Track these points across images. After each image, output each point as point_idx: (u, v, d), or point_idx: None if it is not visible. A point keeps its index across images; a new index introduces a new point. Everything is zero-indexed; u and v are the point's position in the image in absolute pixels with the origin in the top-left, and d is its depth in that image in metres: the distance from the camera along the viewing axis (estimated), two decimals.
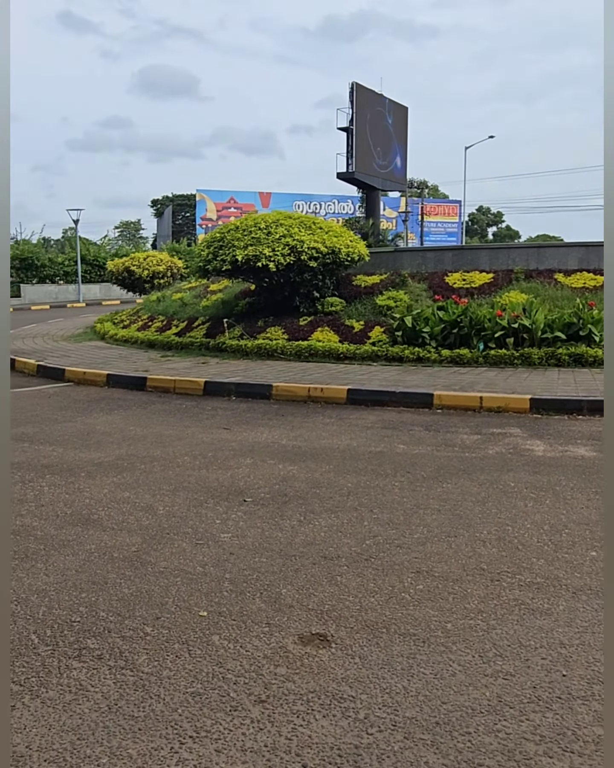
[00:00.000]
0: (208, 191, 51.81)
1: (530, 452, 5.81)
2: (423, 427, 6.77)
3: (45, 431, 6.86)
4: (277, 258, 10.88)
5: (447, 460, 5.60)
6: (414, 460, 5.59)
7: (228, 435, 6.61)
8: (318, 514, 4.39)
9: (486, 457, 5.67)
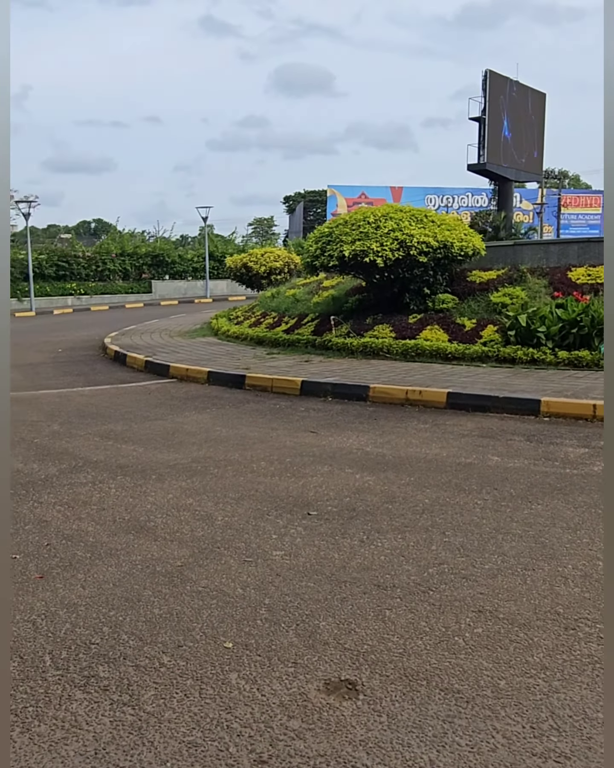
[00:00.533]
0: (339, 187, 51.78)
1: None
2: (524, 437, 6.18)
3: (133, 429, 6.83)
4: (384, 253, 10.47)
5: (543, 476, 5.03)
6: (506, 475, 5.06)
7: (313, 439, 6.31)
8: (383, 534, 4.00)
9: (589, 474, 5.06)
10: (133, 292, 33.22)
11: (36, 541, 4.01)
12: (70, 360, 12.62)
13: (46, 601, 3.29)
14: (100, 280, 32.47)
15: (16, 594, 3.36)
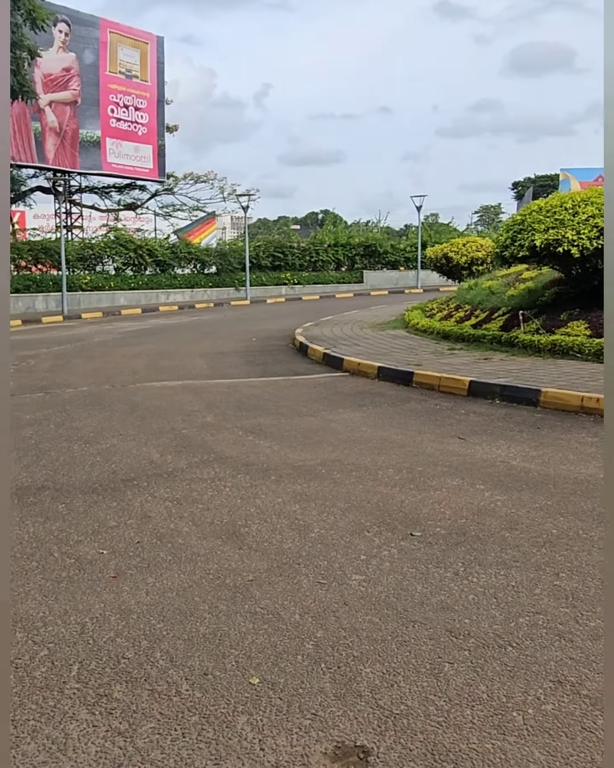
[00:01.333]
0: (574, 170, 48.65)
1: None
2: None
3: (280, 424, 6.74)
4: (581, 242, 9.47)
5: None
6: None
7: (458, 446, 5.81)
8: (484, 567, 3.50)
9: None
10: (344, 282, 33.66)
11: (130, 538, 4.00)
12: (258, 350, 12.92)
13: (106, 603, 3.23)
14: (313, 270, 33.26)
15: (84, 593, 3.34)
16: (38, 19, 20.92)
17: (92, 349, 13.91)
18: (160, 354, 12.69)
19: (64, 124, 26.69)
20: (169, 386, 9.12)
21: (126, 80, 28.83)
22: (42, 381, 9.80)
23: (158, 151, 30.53)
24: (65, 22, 26.18)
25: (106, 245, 26.86)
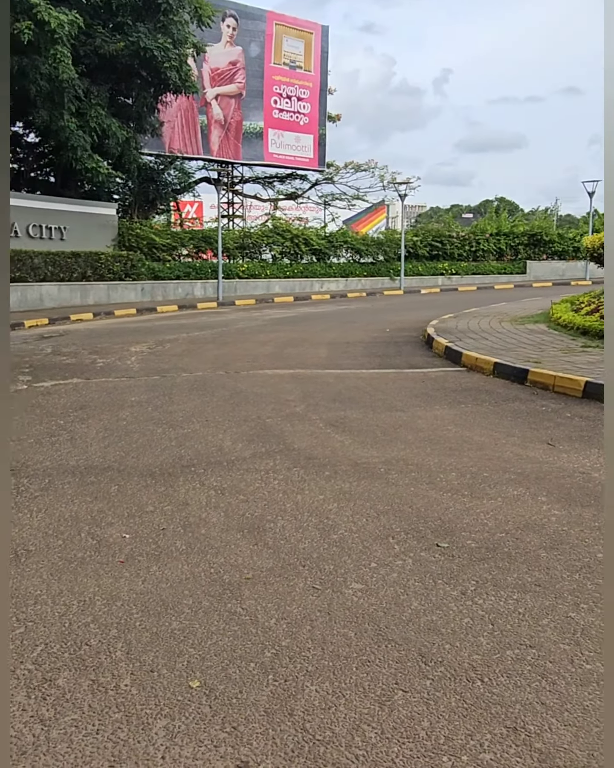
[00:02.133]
0: None
1: None
2: None
3: (365, 418, 6.57)
4: None
5: None
6: None
7: (541, 452, 5.36)
8: (498, 589, 3.18)
9: None
10: (505, 273, 32.39)
11: (158, 524, 4.04)
12: (386, 341, 12.70)
13: (100, 588, 3.27)
14: (473, 260, 32.26)
15: (87, 575, 3.41)
16: (204, 16, 21.68)
17: (229, 335, 14.31)
18: (289, 342, 12.82)
19: (228, 117, 27.61)
20: (279, 374, 9.17)
21: (290, 71, 29.31)
22: (166, 364, 10.19)
23: (319, 140, 30.83)
24: (233, 17, 27.00)
25: (264, 234, 27.54)
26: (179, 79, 20.07)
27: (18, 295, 19.44)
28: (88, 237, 22.18)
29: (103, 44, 19.47)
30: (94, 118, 19.80)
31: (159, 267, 24.00)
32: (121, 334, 14.76)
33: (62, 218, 21.51)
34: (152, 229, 24.14)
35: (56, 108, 18.44)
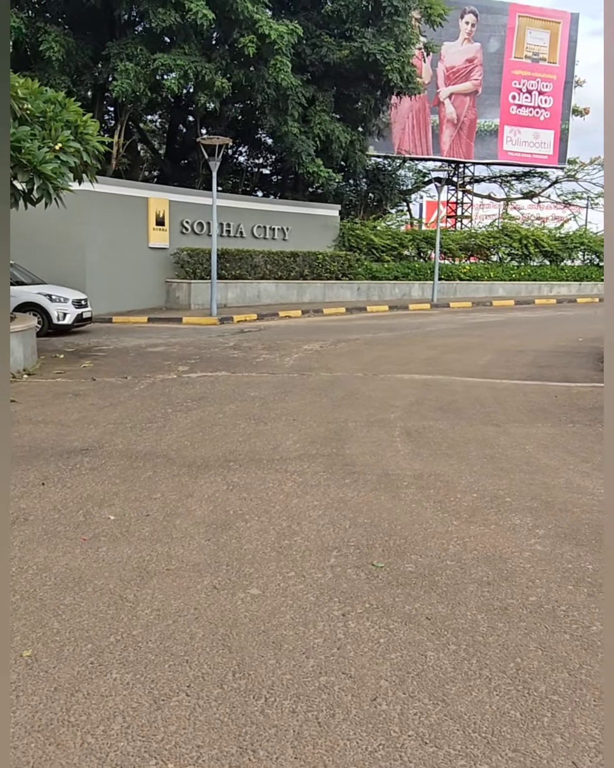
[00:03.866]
0: None
1: None
2: None
3: (449, 431, 6.34)
4: None
5: None
6: None
7: (598, 483, 4.83)
8: (385, 616, 3.02)
9: None
10: None
11: (148, 510, 4.33)
12: (565, 351, 11.94)
13: (45, 558, 3.64)
14: None
15: (47, 546, 3.79)
16: (434, 15, 21.61)
17: (410, 337, 14.29)
18: (461, 347, 12.52)
19: (461, 115, 27.20)
20: (414, 379, 9.06)
21: (531, 64, 28.09)
22: (317, 363, 10.51)
23: (560, 135, 29.18)
24: (473, 13, 26.51)
25: (490, 235, 26.78)
26: (401, 80, 20.22)
27: (237, 292, 20.92)
28: (310, 237, 23.19)
29: (329, 53, 20.24)
30: (318, 124, 20.66)
31: (377, 267, 24.40)
32: (312, 331, 15.35)
33: (285, 219, 22.72)
34: (372, 230, 24.58)
35: (281, 114, 19.54)
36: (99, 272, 17.47)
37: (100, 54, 17.40)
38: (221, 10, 16.59)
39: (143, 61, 16.73)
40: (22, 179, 9.24)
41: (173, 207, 19.80)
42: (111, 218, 18.00)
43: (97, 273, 17.41)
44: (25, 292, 14.47)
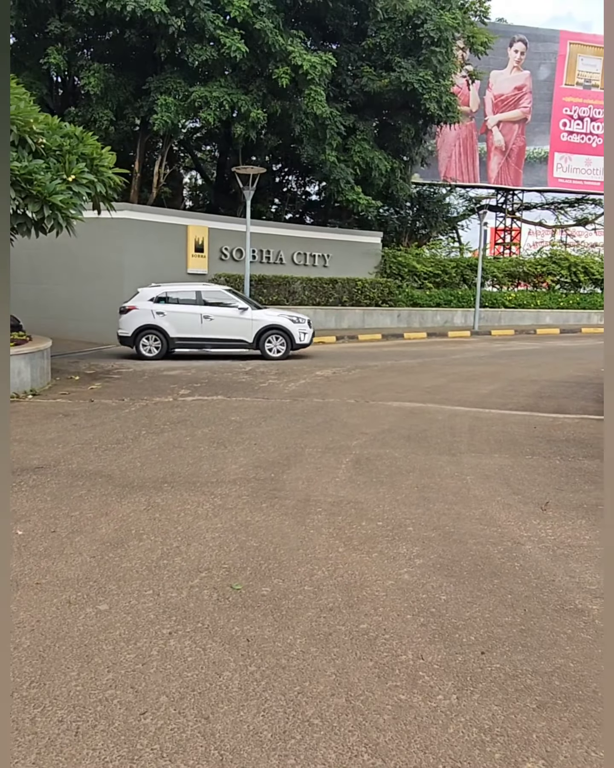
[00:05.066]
0: None
1: None
2: None
3: (400, 459, 6.36)
4: None
5: None
6: None
7: (516, 518, 4.79)
8: (185, 638, 3.12)
9: None
10: None
11: (57, 526, 4.52)
12: (578, 382, 11.72)
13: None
14: None
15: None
16: (476, 44, 21.72)
17: (429, 365, 14.26)
18: (473, 376, 12.44)
19: (510, 143, 27.08)
20: (403, 407, 9.08)
21: (583, 91, 27.80)
22: (317, 389, 10.63)
23: None
24: (522, 41, 26.48)
25: (538, 263, 26.45)
26: (439, 109, 20.36)
27: None
28: (351, 264, 23.39)
29: (369, 82, 20.57)
30: (358, 152, 20.97)
31: (419, 294, 24.38)
32: (335, 357, 15.48)
33: (326, 246, 23.00)
34: (415, 257, 24.61)
35: (319, 143, 19.91)
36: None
37: (141, 89, 18.16)
38: (255, 44, 17.11)
39: (181, 94, 17.38)
40: (33, 209, 9.73)
41: (212, 234, 20.34)
42: (150, 245, 18.63)
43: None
44: (270, 315, 15.33)
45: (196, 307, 14.84)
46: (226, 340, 14.97)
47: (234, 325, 14.89)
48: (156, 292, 14.90)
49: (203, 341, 14.94)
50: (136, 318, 14.65)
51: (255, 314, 14.99)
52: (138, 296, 14.94)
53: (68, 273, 18.57)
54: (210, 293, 15.15)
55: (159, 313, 14.61)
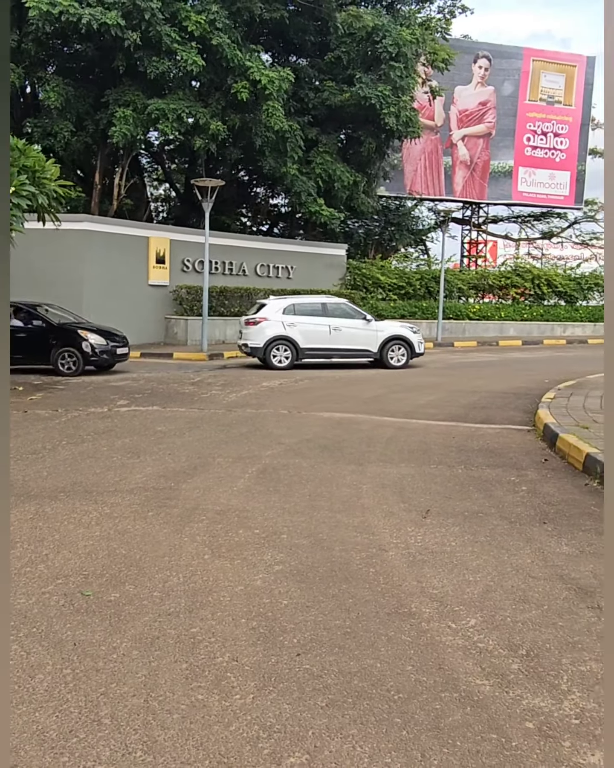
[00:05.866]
0: None
1: None
2: None
3: (305, 469, 6.46)
4: None
5: None
6: None
7: (392, 524, 4.90)
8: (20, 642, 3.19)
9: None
10: None
11: None
12: (518, 393, 11.86)
13: None
14: None
15: None
16: (437, 60, 22.06)
17: (374, 376, 14.40)
18: (416, 387, 12.60)
19: (474, 157, 27.47)
20: (334, 417, 9.20)
21: (546, 107, 28.29)
22: (257, 400, 10.74)
23: (576, 176, 29.15)
24: (486, 57, 26.92)
25: (502, 275, 26.77)
26: (399, 124, 20.64)
27: (235, 328, 21.31)
28: (316, 276, 23.57)
29: (331, 96, 20.84)
30: (320, 165, 21.20)
31: (383, 306, 24.59)
32: (287, 368, 15.58)
33: (290, 258, 23.19)
34: (380, 269, 24.85)
35: (281, 156, 20.12)
36: (97, 309, 18.04)
37: (100, 101, 18.32)
38: (213, 58, 17.33)
39: (139, 106, 17.53)
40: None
41: (174, 246, 20.48)
42: (111, 256, 18.72)
43: (95, 309, 17.96)
44: (393, 326, 16.16)
45: (324, 318, 15.33)
46: (352, 350, 15.48)
47: (360, 336, 15.37)
48: (283, 304, 15.43)
49: (331, 351, 15.42)
50: (267, 329, 15.01)
51: (379, 325, 15.71)
52: (267, 308, 15.36)
53: (28, 284, 18.59)
54: (333, 305, 15.81)
55: (290, 324, 15.02)
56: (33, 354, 13.58)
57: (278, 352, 15.08)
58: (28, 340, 13.50)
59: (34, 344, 13.58)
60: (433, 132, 26.45)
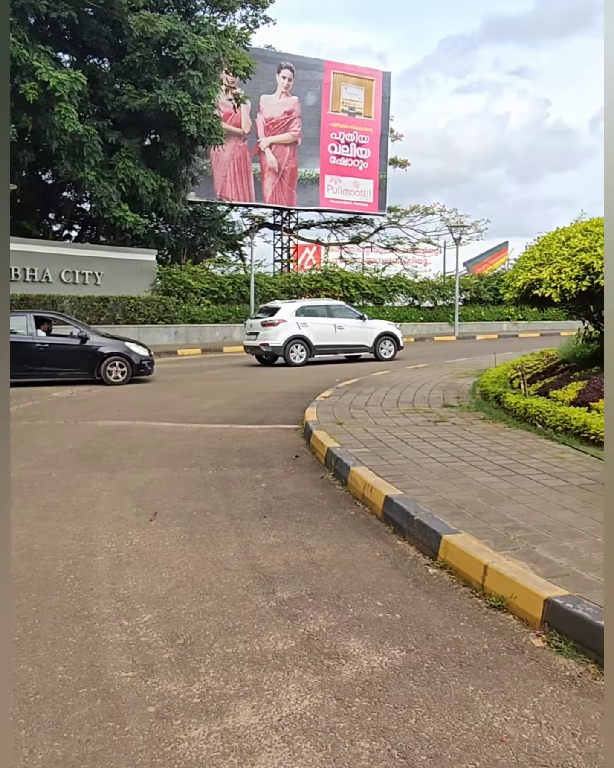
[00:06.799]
0: None
1: None
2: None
3: (50, 480, 6.37)
4: (560, 283, 7.52)
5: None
6: None
7: (94, 529, 4.96)
8: None
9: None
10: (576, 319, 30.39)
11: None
12: (305, 392, 12.27)
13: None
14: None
15: None
16: (238, 68, 22.41)
17: (174, 382, 14.41)
18: (211, 390, 12.74)
19: (282, 164, 28.18)
20: (110, 425, 9.13)
21: (348, 118, 29.55)
22: (35, 412, 10.42)
23: (379, 185, 30.69)
24: (289, 68, 27.70)
25: (312, 278, 27.63)
26: (200, 131, 20.77)
27: None
28: (125, 282, 23.20)
29: (130, 100, 20.59)
30: (123, 170, 20.87)
31: (196, 310, 24.64)
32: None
33: (97, 264, 22.67)
34: (191, 274, 24.88)
35: (77, 160, 19.62)
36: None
37: None
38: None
39: None
40: None
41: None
42: None
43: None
44: (381, 324, 18.52)
45: (330, 318, 17.29)
46: (353, 345, 17.61)
47: (358, 333, 17.53)
48: (294, 307, 17.22)
49: (336, 347, 17.45)
50: (285, 330, 16.64)
51: (372, 323, 18.08)
52: (282, 311, 16.90)
53: None
54: (335, 306, 18.08)
55: (304, 325, 16.80)
56: (77, 366, 13.58)
57: (295, 350, 16.77)
58: (72, 353, 13.47)
59: (77, 357, 13.49)
60: (241, 139, 26.83)
